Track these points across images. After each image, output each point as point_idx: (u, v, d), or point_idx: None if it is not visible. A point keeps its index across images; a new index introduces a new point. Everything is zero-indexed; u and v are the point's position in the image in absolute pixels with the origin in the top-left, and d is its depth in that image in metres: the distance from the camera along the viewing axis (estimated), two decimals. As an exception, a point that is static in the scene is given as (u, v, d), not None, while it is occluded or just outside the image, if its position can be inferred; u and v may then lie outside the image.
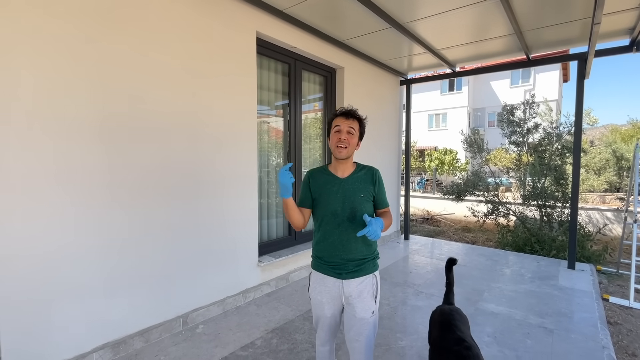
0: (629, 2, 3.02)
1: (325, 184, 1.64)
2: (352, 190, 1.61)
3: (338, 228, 1.58)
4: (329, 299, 1.61)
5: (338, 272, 1.59)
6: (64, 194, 2.02)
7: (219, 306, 2.97)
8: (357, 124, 1.63)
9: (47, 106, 1.94)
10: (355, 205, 1.58)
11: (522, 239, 6.10)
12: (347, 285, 1.58)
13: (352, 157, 1.67)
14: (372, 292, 1.60)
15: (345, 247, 1.58)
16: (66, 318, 2.06)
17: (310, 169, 1.76)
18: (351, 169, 1.68)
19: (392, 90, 5.61)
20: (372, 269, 1.63)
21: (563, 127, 6.68)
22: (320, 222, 1.64)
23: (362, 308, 1.57)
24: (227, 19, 2.92)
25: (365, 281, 1.59)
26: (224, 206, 2.99)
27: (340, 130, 1.59)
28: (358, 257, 1.59)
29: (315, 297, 1.65)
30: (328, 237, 1.60)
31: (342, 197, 1.59)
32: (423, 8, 3.23)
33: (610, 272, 4.75)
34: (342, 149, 1.58)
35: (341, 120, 1.60)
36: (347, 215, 1.57)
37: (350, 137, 1.59)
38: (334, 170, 1.68)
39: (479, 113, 25.20)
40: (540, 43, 4.10)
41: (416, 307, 3.15)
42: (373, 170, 1.69)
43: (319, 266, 1.66)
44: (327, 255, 1.61)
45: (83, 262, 2.12)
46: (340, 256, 1.58)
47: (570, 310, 3.10)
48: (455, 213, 10.49)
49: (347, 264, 1.58)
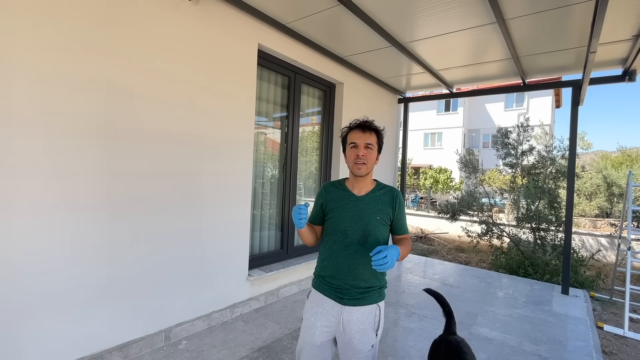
0: (623, 34, 3.11)
1: (340, 200, 1.50)
2: (368, 211, 1.46)
3: (346, 250, 1.45)
4: (324, 324, 1.46)
5: (340, 296, 1.44)
6: (49, 198, 1.95)
7: (204, 321, 2.85)
8: (375, 136, 1.50)
9: (42, 109, 1.89)
10: (369, 227, 1.44)
11: (516, 261, 6.07)
12: (347, 312, 1.43)
13: (371, 174, 1.53)
14: (373, 324, 1.45)
15: (352, 272, 1.43)
16: (39, 330, 1.94)
17: (327, 182, 1.64)
18: (370, 187, 1.53)
19: (390, 108, 5.66)
20: (377, 299, 1.47)
21: (557, 150, 6.78)
22: (328, 240, 1.51)
23: (361, 340, 1.42)
24: (230, 30, 2.93)
25: (367, 311, 1.44)
26: (215, 217, 2.91)
27: (358, 146, 1.45)
28: (363, 285, 1.44)
29: (309, 319, 1.49)
30: (334, 258, 1.47)
31: (356, 217, 1.45)
32: (424, 29, 3.29)
33: (604, 299, 4.71)
34: (361, 165, 1.44)
35: (357, 135, 1.47)
36: (358, 237, 1.43)
37: (369, 152, 1.46)
38: (350, 186, 1.54)
39: (473, 134, 25.61)
40: (536, 69, 4.19)
41: (408, 329, 3.06)
42: (394, 192, 1.52)
43: (319, 285, 1.52)
44: (330, 275, 1.47)
45: (62, 270, 2.02)
46: (344, 280, 1.44)
47: (565, 338, 3.03)
48: (449, 232, 10.46)
49: (350, 290, 1.43)
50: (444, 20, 3.05)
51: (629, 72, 3.84)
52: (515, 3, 2.71)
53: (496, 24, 3.02)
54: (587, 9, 2.70)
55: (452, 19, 3.03)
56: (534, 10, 2.79)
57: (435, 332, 2.97)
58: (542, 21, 2.97)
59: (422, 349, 2.69)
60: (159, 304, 2.54)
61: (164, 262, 2.55)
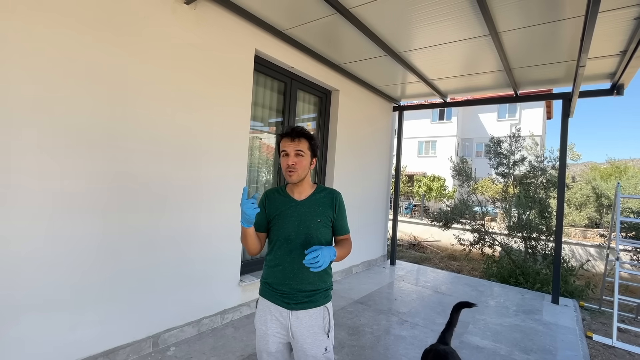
0: (611, 49, 3.20)
1: (281, 206, 1.51)
2: (309, 214, 1.48)
3: (290, 254, 1.45)
4: (275, 331, 1.45)
5: (286, 301, 1.45)
6: (37, 201, 1.92)
7: (194, 327, 2.81)
8: (306, 143, 1.49)
9: (36, 110, 1.87)
10: (311, 230, 1.46)
11: (507, 270, 6.11)
12: (295, 317, 1.43)
13: (308, 178, 1.54)
14: (323, 326, 1.45)
15: (297, 276, 1.44)
16: (23, 334, 1.89)
17: (267, 189, 1.63)
18: (309, 191, 1.55)
19: (384, 116, 5.71)
20: (324, 301, 1.49)
21: (547, 161, 6.89)
22: (273, 246, 1.51)
23: (313, 344, 1.41)
24: (227, 35, 2.94)
25: (315, 314, 1.45)
26: (208, 220, 2.89)
27: (288, 154, 1.46)
28: (309, 289, 1.45)
29: (260, 328, 1.48)
30: (279, 264, 1.47)
31: (297, 221, 1.47)
32: (419, 39, 3.35)
33: (593, 309, 4.76)
34: (291, 173, 1.45)
35: (287, 143, 1.46)
36: (301, 242, 1.44)
37: (299, 159, 1.46)
38: (290, 191, 1.55)
39: (467, 143, 25.93)
40: (528, 81, 4.28)
41: (400, 337, 3.05)
42: (334, 193, 1.56)
43: (266, 293, 1.51)
44: (276, 282, 1.47)
45: (49, 273, 1.98)
46: (290, 285, 1.45)
47: (555, 348, 3.05)
48: (441, 240, 10.51)
49: (296, 294, 1.44)
50: (438, 31, 3.11)
51: (617, 86, 3.94)
52: (507, 17, 2.77)
53: (489, 37, 3.09)
54: (576, 24, 2.78)
55: (446, 30, 3.09)
56: (525, 24, 2.87)
57: (426, 341, 2.97)
58: (533, 35, 3.04)
59: (413, 358, 2.68)
60: (148, 308, 2.49)
61: (154, 266, 2.52)
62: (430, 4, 2.68)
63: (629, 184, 12.42)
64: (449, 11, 2.76)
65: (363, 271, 5.26)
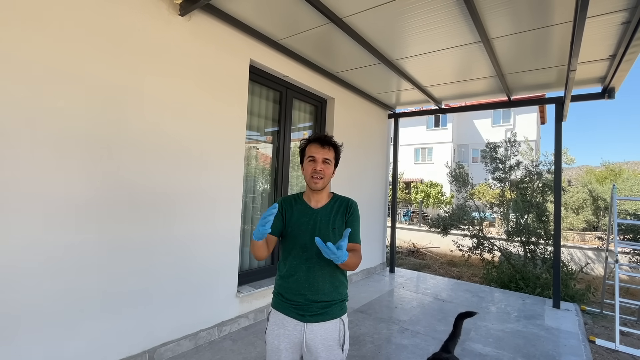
0: (600, 54, 3.26)
1: (298, 214, 1.51)
2: (324, 223, 1.47)
3: (306, 263, 1.43)
4: (288, 345, 1.41)
5: (301, 313, 1.41)
6: (29, 210, 1.89)
7: (190, 340, 2.74)
8: (333, 152, 1.51)
9: (28, 119, 1.85)
10: (326, 239, 1.42)
11: (507, 275, 6.08)
12: (310, 330, 1.39)
13: (328, 187, 1.56)
14: (338, 339, 1.42)
15: (312, 286, 1.42)
16: (15, 348, 1.84)
17: (283, 197, 1.62)
18: (326, 200, 1.55)
19: (380, 123, 5.75)
20: (339, 313, 1.46)
21: (542, 165, 6.94)
22: (288, 256, 1.48)
23: (328, 358, 1.38)
24: (222, 45, 2.96)
25: (331, 327, 1.42)
26: (204, 231, 2.86)
27: (315, 160, 1.46)
28: (325, 299, 1.42)
29: (272, 342, 1.44)
30: (294, 273, 1.44)
31: (313, 230, 1.45)
32: (412, 47, 3.39)
33: (595, 312, 4.72)
34: (318, 179, 1.46)
35: (316, 149, 1.47)
36: (317, 250, 1.40)
37: (326, 167, 1.47)
38: (307, 199, 1.55)
39: (462, 149, 26.11)
40: (521, 86, 4.33)
41: (401, 346, 3.00)
42: (349, 202, 1.55)
43: (279, 305, 1.47)
44: (290, 292, 1.44)
45: (41, 285, 1.94)
46: (304, 296, 1.41)
47: (558, 353, 3.01)
48: (440, 247, 10.47)
49: (311, 305, 1.41)
50: (431, 38, 3.15)
51: (608, 90, 3.99)
52: (498, 23, 2.82)
53: (481, 43, 3.13)
54: (566, 29, 2.83)
55: (439, 38, 3.13)
56: (516, 30, 2.91)
57: (428, 349, 2.92)
58: (524, 41, 3.09)
59: (415, 367, 2.62)
60: (143, 322, 2.44)
61: (150, 277, 2.47)
62: (422, 12, 2.72)
63: (624, 186, 12.52)
64: (440, 19, 2.80)
65: (362, 279, 5.21)
